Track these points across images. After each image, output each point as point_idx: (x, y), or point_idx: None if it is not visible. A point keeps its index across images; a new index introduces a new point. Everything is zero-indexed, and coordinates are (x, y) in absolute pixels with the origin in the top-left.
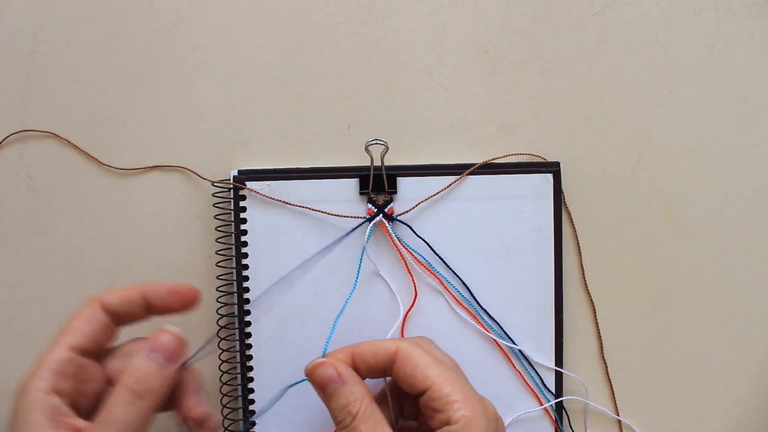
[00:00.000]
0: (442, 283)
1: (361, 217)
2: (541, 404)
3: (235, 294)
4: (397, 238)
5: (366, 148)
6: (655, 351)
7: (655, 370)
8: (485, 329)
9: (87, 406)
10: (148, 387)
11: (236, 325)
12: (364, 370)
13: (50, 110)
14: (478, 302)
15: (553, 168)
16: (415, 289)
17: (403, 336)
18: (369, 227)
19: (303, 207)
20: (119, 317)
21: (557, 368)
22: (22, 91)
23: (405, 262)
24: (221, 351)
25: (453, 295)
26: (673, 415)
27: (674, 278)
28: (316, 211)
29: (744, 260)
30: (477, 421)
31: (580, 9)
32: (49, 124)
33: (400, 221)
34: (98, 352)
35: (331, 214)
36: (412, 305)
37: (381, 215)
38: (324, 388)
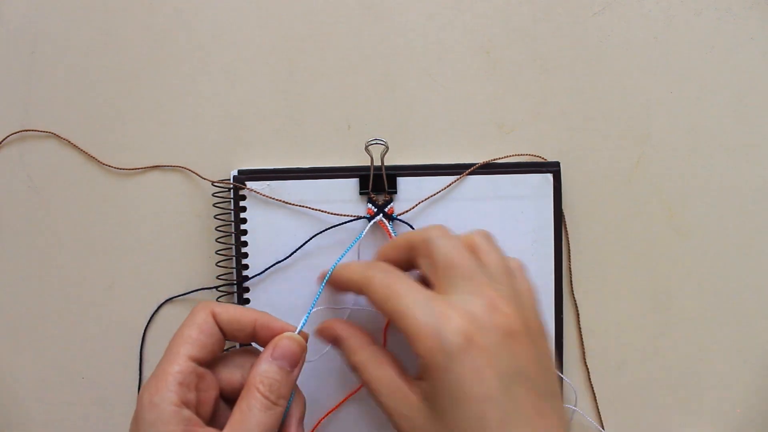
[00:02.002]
0: None
1: (361, 217)
2: None
3: (235, 294)
4: None
5: (366, 148)
6: (655, 350)
7: (656, 369)
8: None
9: (206, 415)
10: (280, 393)
11: None
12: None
13: (50, 110)
14: None
15: (553, 168)
16: None
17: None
18: (367, 226)
19: (303, 207)
20: (224, 333)
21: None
22: (22, 91)
23: None
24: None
25: None
26: (673, 415)
27: (674, 278)
28: (316, 210)
29: (744, 260)
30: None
31: (580, 9)
32: (49, 124)
33: (400, 221)
34: (211, 361)
35: (332, 214)
36: None
37: (381, 215)
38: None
